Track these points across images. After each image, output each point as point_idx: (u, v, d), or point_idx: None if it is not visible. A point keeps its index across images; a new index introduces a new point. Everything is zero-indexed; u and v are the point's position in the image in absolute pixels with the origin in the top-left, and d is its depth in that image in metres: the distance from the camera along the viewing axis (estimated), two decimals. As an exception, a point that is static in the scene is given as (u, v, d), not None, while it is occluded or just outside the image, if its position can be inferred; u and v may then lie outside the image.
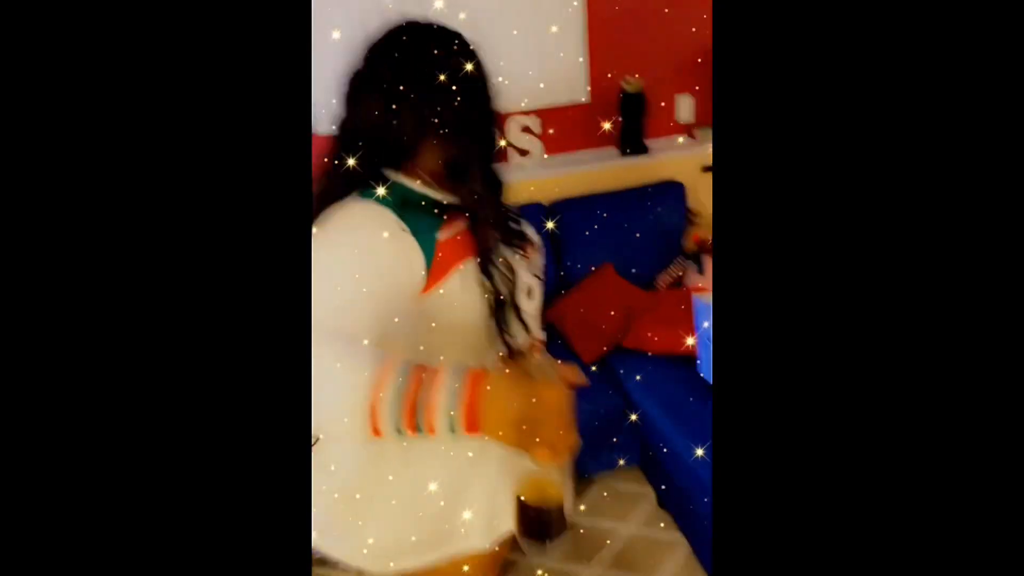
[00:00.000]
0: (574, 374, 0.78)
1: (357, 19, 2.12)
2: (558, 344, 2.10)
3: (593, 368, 2.04)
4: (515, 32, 2.18)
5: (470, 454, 0.97)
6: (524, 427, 0.71)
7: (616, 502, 2.02)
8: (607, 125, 2.17)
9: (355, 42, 0.89)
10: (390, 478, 0.95)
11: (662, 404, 1.80)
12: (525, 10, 2.17)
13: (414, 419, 0.70)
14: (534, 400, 0.71)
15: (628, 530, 1.95)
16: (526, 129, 2.28)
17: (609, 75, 2.27)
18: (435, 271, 0.83)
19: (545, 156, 2.33)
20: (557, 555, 1.90)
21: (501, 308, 0.91)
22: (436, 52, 0.85)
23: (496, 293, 0.89)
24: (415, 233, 0.82)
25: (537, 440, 0.72)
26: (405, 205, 0.84)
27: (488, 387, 0.71)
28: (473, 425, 0.71)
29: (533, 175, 2.28)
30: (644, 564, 1.84)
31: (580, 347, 2.08)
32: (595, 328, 2.09)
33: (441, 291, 0.84)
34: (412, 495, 0.96)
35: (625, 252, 2.27)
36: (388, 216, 0.82)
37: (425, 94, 0.83)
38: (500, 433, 0.71)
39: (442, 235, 0.84)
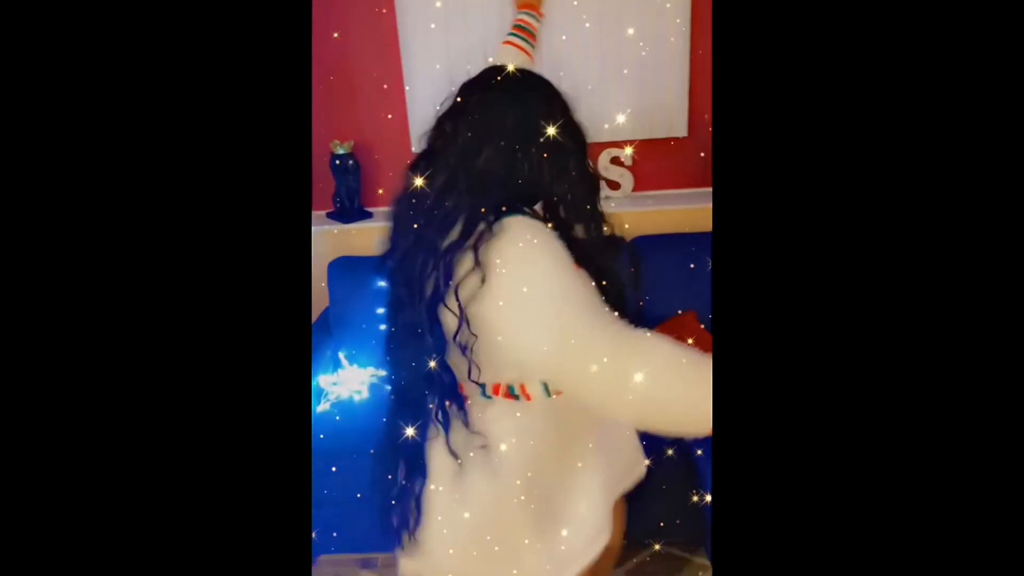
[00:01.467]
0: None
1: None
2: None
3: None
4: (621, 66, 2.11)
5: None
6: None
7: (666, 570, 1.88)
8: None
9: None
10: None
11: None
12: (630, 40, 2.10)
13: None
14: None
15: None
16: (616, 160, 2.20)
17: (706, 116, 2.14)
18: None
19: (632, 191, 2.23)
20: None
21: None
22: (543, 106, 0.93)
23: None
24: None
25: None
26: None
27: None
28: None
29: (621, 208, 2.19)
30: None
31: (647, 394, 1.96)
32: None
33: None
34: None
35: (710, 300, 2.12)
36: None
37: (539, 148, 0.91)
38: None
39: None
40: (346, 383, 2.04)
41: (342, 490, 1.74)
